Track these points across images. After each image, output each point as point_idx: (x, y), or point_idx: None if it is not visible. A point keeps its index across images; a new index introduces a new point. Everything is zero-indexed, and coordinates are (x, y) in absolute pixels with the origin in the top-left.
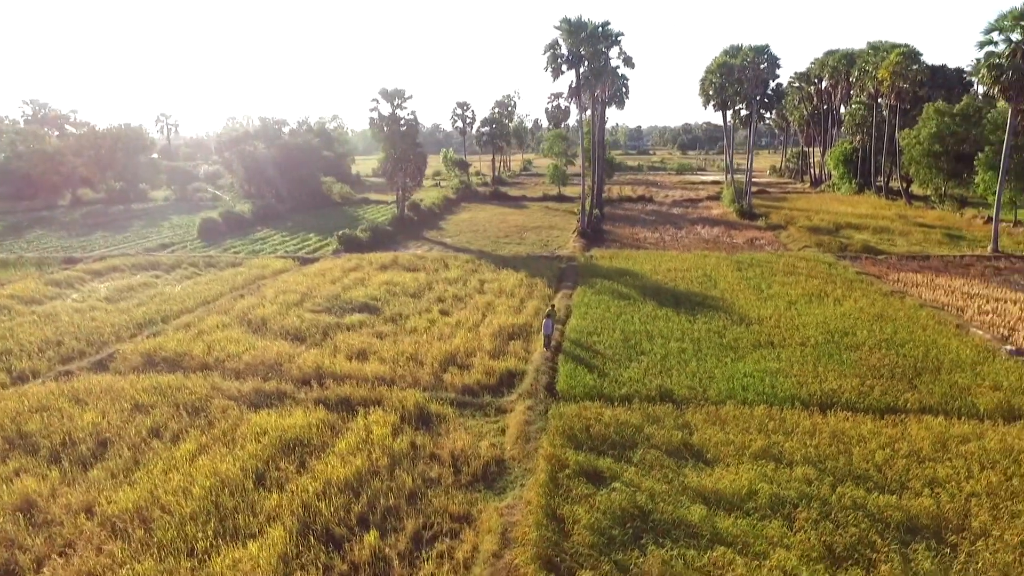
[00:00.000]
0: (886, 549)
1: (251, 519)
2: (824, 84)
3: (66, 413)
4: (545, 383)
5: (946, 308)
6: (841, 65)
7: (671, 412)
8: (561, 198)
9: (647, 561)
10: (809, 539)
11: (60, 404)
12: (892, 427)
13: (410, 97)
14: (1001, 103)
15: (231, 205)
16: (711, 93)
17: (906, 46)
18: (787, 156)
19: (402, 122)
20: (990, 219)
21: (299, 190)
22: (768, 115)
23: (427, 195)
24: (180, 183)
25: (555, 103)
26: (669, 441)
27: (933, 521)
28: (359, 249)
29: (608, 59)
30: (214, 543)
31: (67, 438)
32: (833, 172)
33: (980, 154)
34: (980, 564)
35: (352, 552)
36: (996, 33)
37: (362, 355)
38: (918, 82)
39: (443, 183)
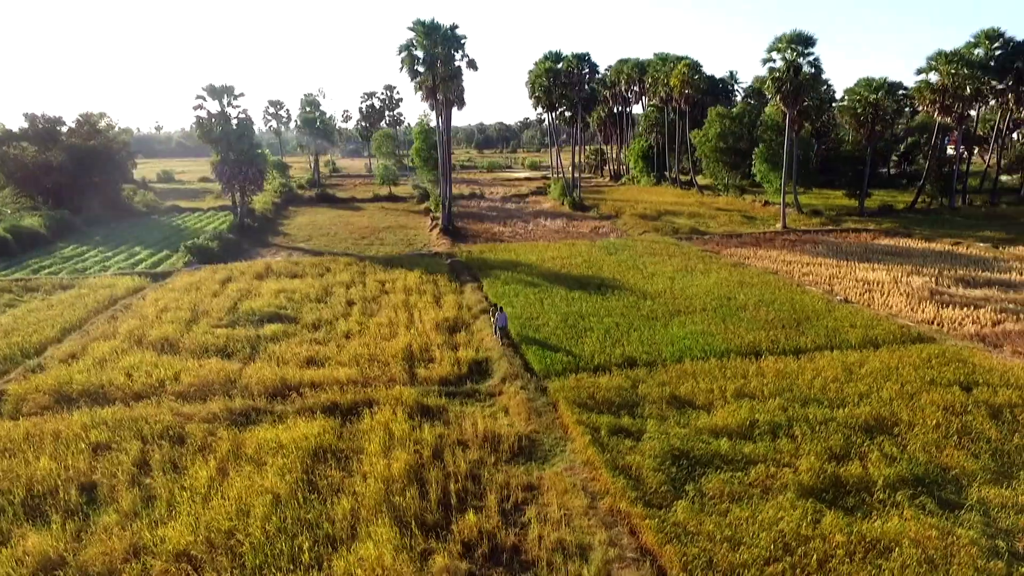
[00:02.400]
0: (864, 445)
1: (335, 525)
2: (620, 89)
3: (8, 465)
4: (520, 366)
5: (778, 273)
6: (634, 72)
7: (646, 374)
8: (393, 198)
9: (710, 486)
10: (814, 447)
11: None
12: (808, 362)
13: (242, 95)
14: (769, 107)
15: (16, 219)
16: (540, 96)
17: (688, 58)
18: (587, 153)
19: (235, 121)
20: (767, 203)
21: (93, 200)
22: (588, 116)
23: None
24: None
25: (368, 103)
26: (661, 396)
27: (878, 421)
28: (212, 259)
29: (456, 61)
30: (318, 552)
31: (35, 489)
32: (633, 167)
33: (757, 149)
34: (920, 443)
35: (460, 533)
36: (775, 53)
37: (315, 362)
38: (701, 89)
39: (265, 186)
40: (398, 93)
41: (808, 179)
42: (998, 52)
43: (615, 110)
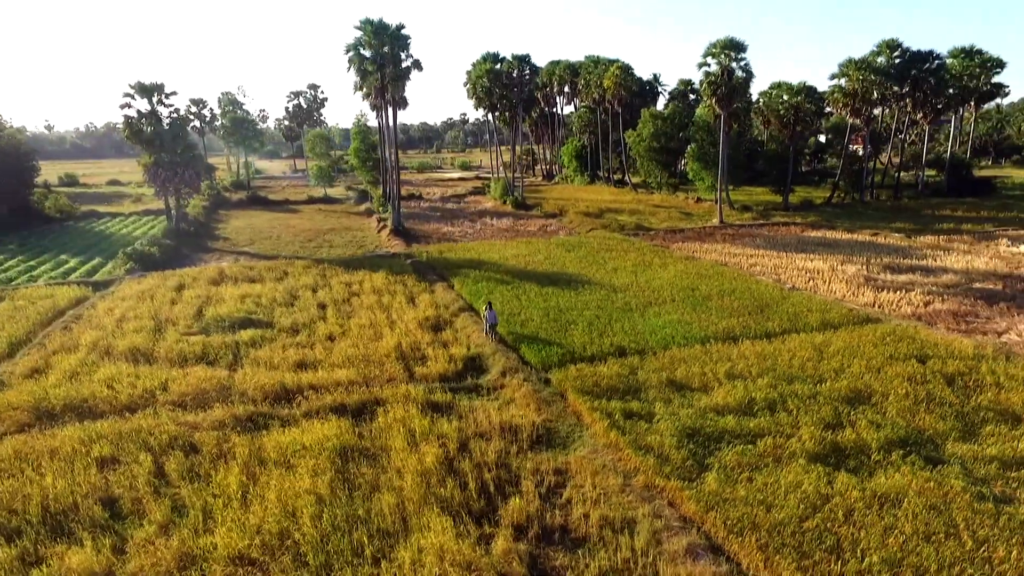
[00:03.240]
0: (851, 415)
1: (385, 519)
2: (552, 90)
3: (12, 485)
4: (516, 360)
5: (728, 265)
6: (566, 74)
7: (639, 362)
8: (329, 200)
9: (728, 459)
10: (809, 419)
11: None
12: (781, 344)
13: (174, 93)
14: (700, 109)
15: None
16: (481, 96)
17: (619, 61)
18: (518, 153)
19: (167, 121)
20: (699, 199)
21: (1, 205)
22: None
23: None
24: None
25: (295, 102)
26: (660, 381)
27: (856, 394)
28: (155, 266)
29: (404, 61)
30: (377, 546)
31: (51, 507)
32: (567, 166)
33: (689, 148)
34: (895, 409)
35: (509, 517)
36: (711, 58)
37: (306, 366)
38: (633, 91)
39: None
40: (322, 92)
41: (736, 177)
42: (897, 60)
43: (546, 111)
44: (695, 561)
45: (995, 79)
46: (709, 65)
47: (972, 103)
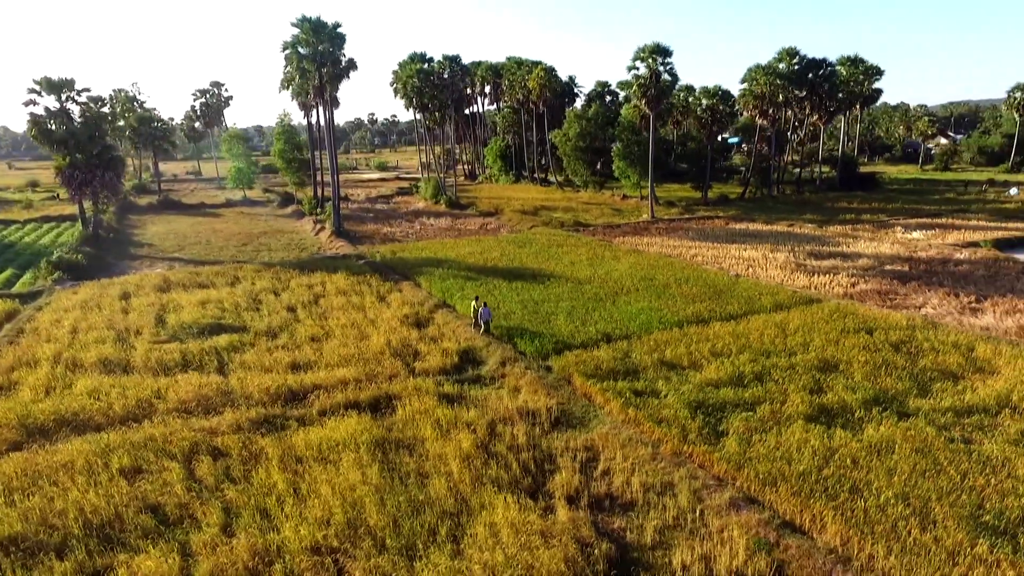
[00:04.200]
0: (827, 381)
1: (445, 501)
2: (475, 90)
3: (38, 502)
4: (512, 351)
5: (672, 256)
6: (488, 75)
7: (628, 346)
8: (250, 203)
9: (736, 425)
10: (794, 386)
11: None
12: (747, 324)
13: (86, 89)
14: (625, 110)
15: None
16: (411, 96)
17: (543, 63)
18: (438, 153)
19: (78, 119)
20: (625, 196)
21: None
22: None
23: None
24: None
25: (202, 100)
26: (653, 362)
27: (825, 363)
28: (84, 276)
29: (342, 60)
30: (452, 524)
31: (92, 520)
32: (491, 165)
33: (615, 147)
34: (860, 374)
35: (560, 490)
36: (639, 61)
37: (301, 367)
38: (557, 92)
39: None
40: (227, 91)
41: (657, 175)
42: (796, 67)
43: (467, 111)
44: (738, 512)
45: (875, 84)
46: (638, 68)
47: (857, 106)
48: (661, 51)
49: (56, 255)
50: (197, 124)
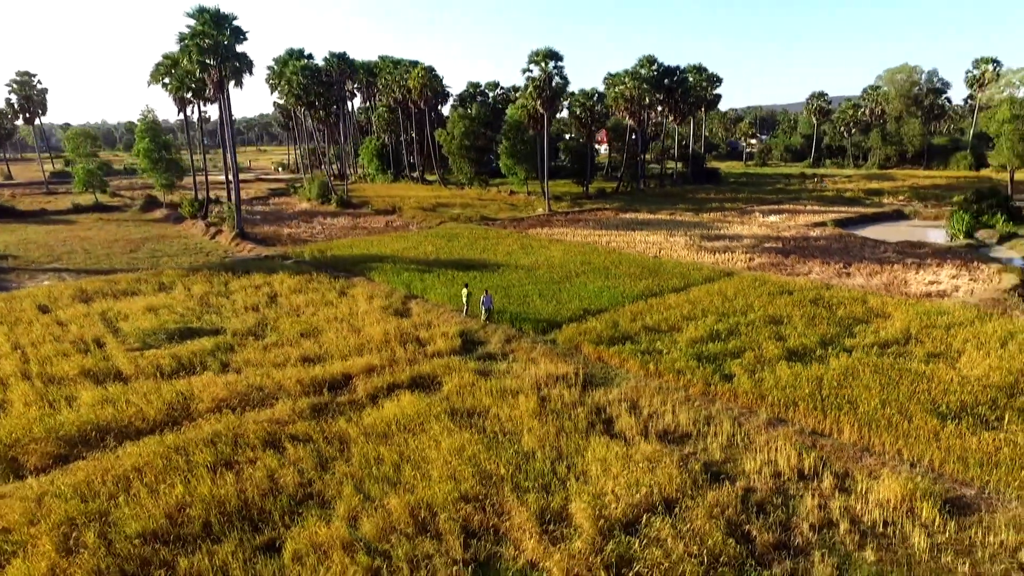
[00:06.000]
0: (781, 332)
1: (549, 451)
2: (346, 88)
3: (148, 500)
4: (512, 330)
5: (591, 243)
6: (360, 73)
7: (612, 317)
8: (105, 208)
9: (734, 369)
10: (760, 337)
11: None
12: (695, 294)
13: None
14: (511, 110)
15: None
16: (298, 94)
17: (421, 63)
18: (300, 152)
19: None
20: (512, 192)
21: None
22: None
23: None
24: None
25: (23, 94)
26: (639, 328)
27: (772, 318)
28: None
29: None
30: (565, 466)
31: (225, 507)
32: (368, 164)
33: (501, 145)
34: (802, 326)
35: (627, 430)
36: (533, 65)
37: (314, 360)
38: (437, 91)
39: None
40: (40, 83)
41: (541, 171)
42: (655, 72)
43: (336, 109)
44: (774, 428)
45: (716, 91)
46: (532, 71)
47: (703, 109)
48: (552, 55)
49: None
50: (19, 121)
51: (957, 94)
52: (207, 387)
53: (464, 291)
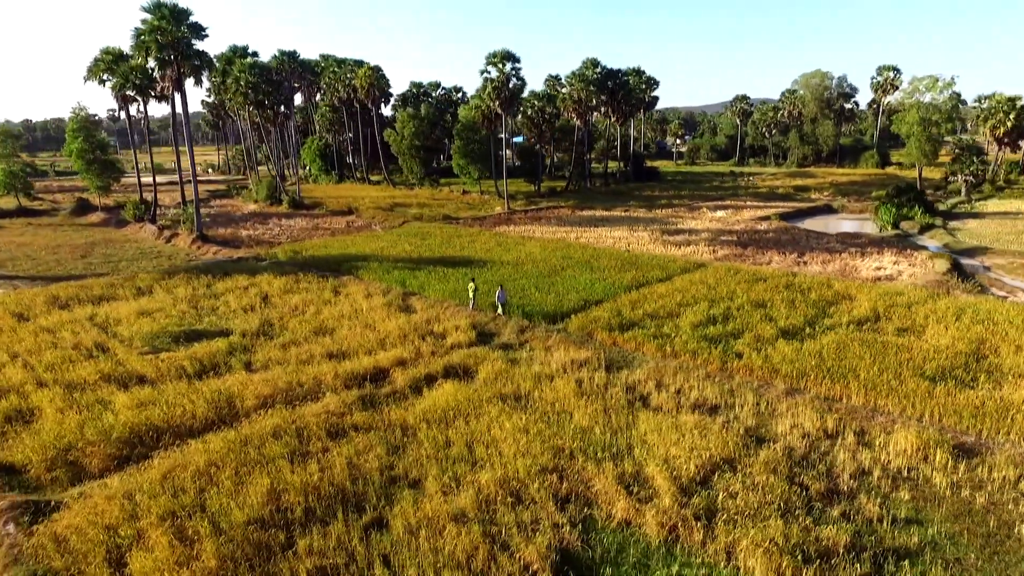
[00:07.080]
0: (769, 313)
1: (602, 426)
2: (285, 87)
3: (265, 481)
4: (524, 321)
5: (562, 239)
6: (301, 71)
7: (612, 307)
8: (30, 212)
9: (740, 348)
10: (753, 319)
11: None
12: (678, 283)
13: None
14: (463, 111)
15: None
16: (247, 92)
17: (367, 63)
18: (231, 153)
19: None
20: (465, 191)
21: None
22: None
23: None
24: None
25: None
26: (641, 316)
27: (757, 303)
28: None
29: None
30: (621, 439)
31: (312, 500)
32: (310, 165)
33: (454, 145)
34: (785, 308)
35: (664, 403)
36: (491, 66)
37: (337, 356)
38: (384, 91)
39: None
40: None
41: (492, 170)
42: (599, 75)
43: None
44: (792, 397)
45: (654, 93)
46: (490, 72)
47: (642, 111)
48: (510, 57)
49: None
50: None
51: (863, 98)
52: (247, 385)
53: (471, 286)
